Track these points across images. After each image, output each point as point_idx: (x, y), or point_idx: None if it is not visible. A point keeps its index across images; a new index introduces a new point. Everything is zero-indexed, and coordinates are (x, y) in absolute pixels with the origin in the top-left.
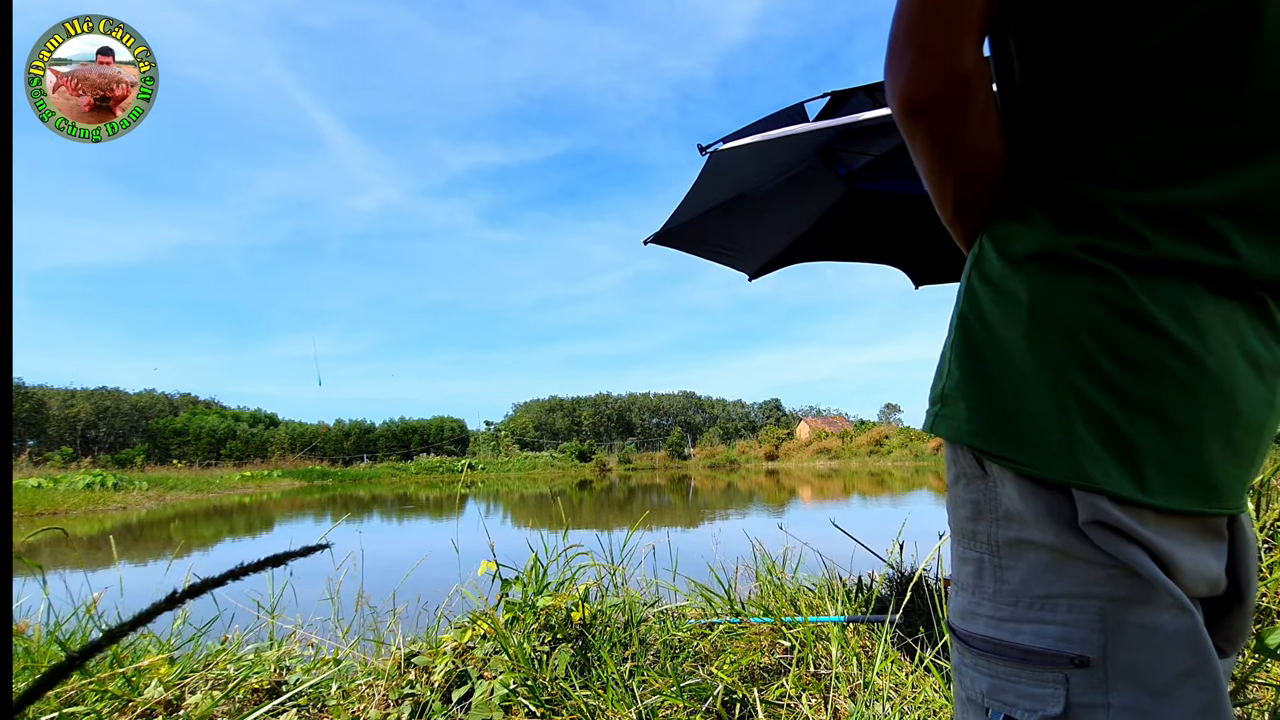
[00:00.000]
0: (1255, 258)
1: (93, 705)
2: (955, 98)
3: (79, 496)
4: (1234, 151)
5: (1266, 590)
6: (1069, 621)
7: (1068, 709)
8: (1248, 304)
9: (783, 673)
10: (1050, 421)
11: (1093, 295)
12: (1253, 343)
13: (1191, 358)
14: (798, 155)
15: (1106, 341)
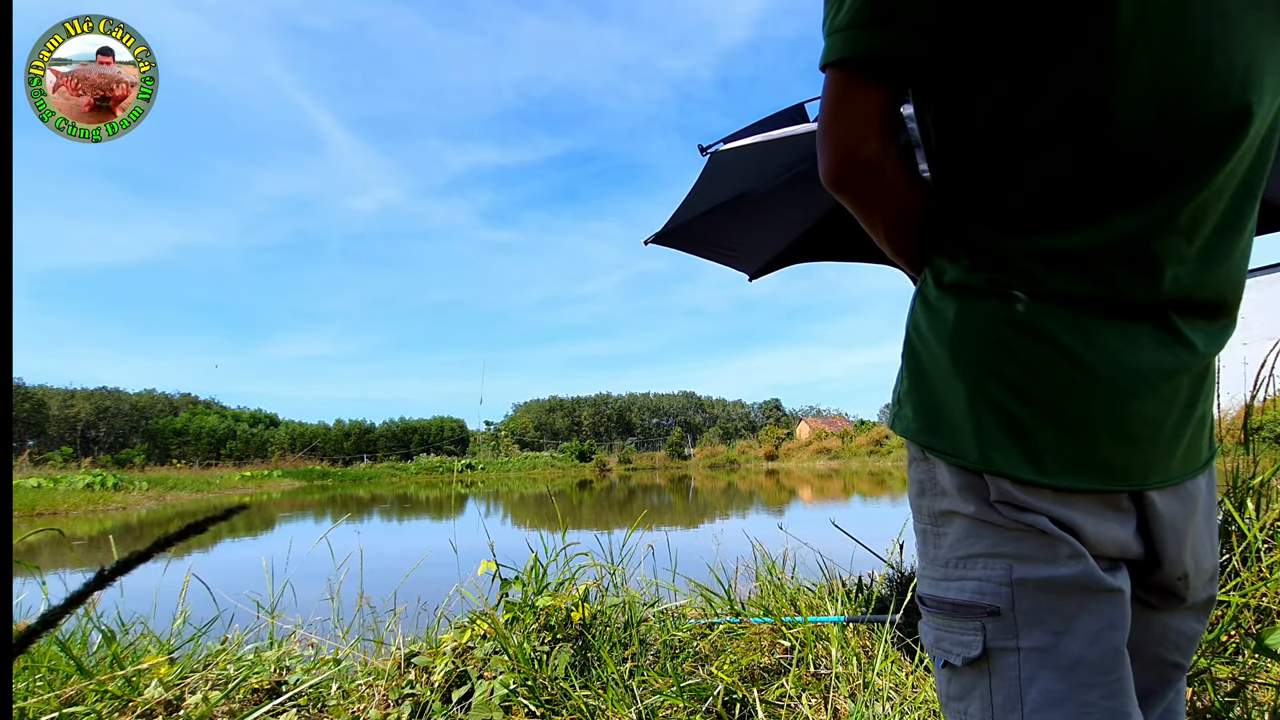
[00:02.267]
0: (1135, 287)
1: (93, 705)
2: (864, 178)
3: (79, 496)
4: (1110, 203)
5: (1266, 590)
6: (983, 577)
7: (985, 652)
8: (1144, 319)
9: (783, 673)
10: (966, 418)
11: (1000, 317)
12: (1151, 351)
13: (1083, 366)
14: (799, 155)
15: (1010, 354)
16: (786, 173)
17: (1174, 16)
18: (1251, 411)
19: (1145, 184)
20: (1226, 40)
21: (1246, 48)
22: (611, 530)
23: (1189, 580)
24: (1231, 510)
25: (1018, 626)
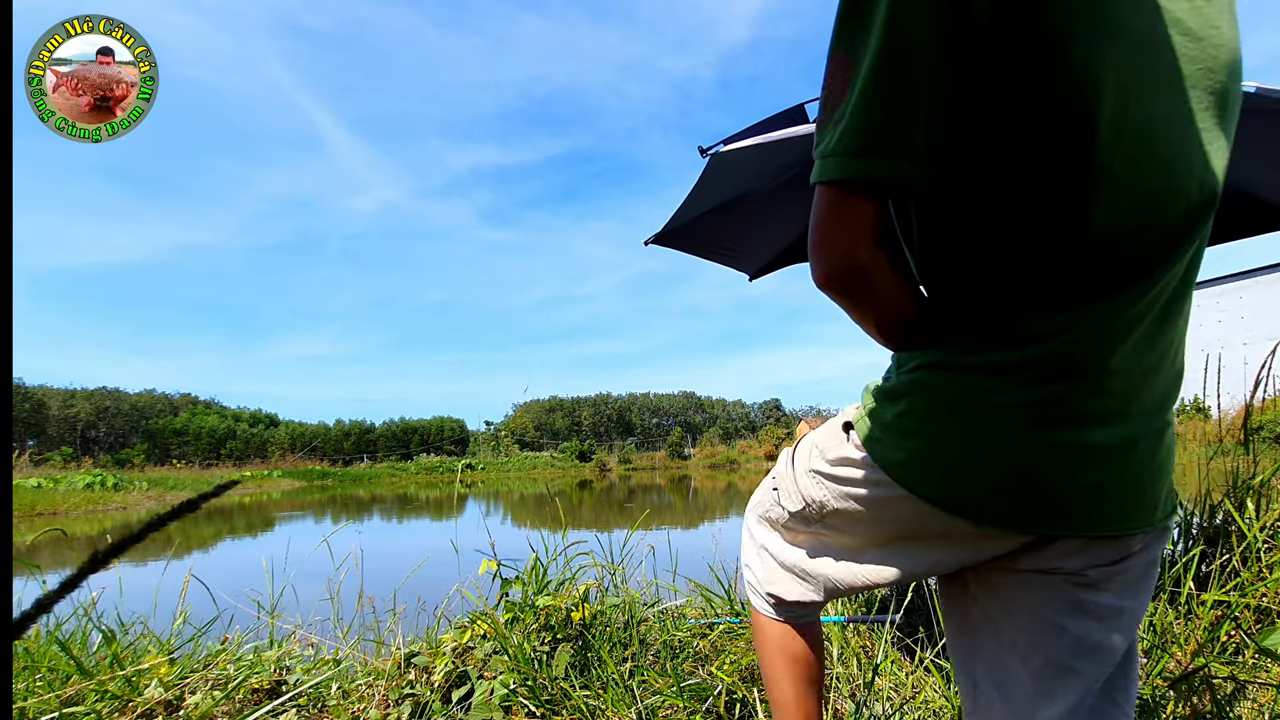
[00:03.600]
0: (1083, 360)
1: (93, 705)
2: (855, 283)
3: (79, 496)
4: (1091, 293)
5: (1266, 590)
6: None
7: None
8: (1074, 380)
9: None
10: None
11: (961, 385)
12: (1084, 405)
13: (1036, 437)
14: (798, 156)
15: (988, 426)
16: (786, 173)
17: (1145, 134)
18: (1251, 411)
19: (1124, 276)
20: (1188, 148)
21: (1203, 148)
22: (611, 530)
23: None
24: (1231, 510)
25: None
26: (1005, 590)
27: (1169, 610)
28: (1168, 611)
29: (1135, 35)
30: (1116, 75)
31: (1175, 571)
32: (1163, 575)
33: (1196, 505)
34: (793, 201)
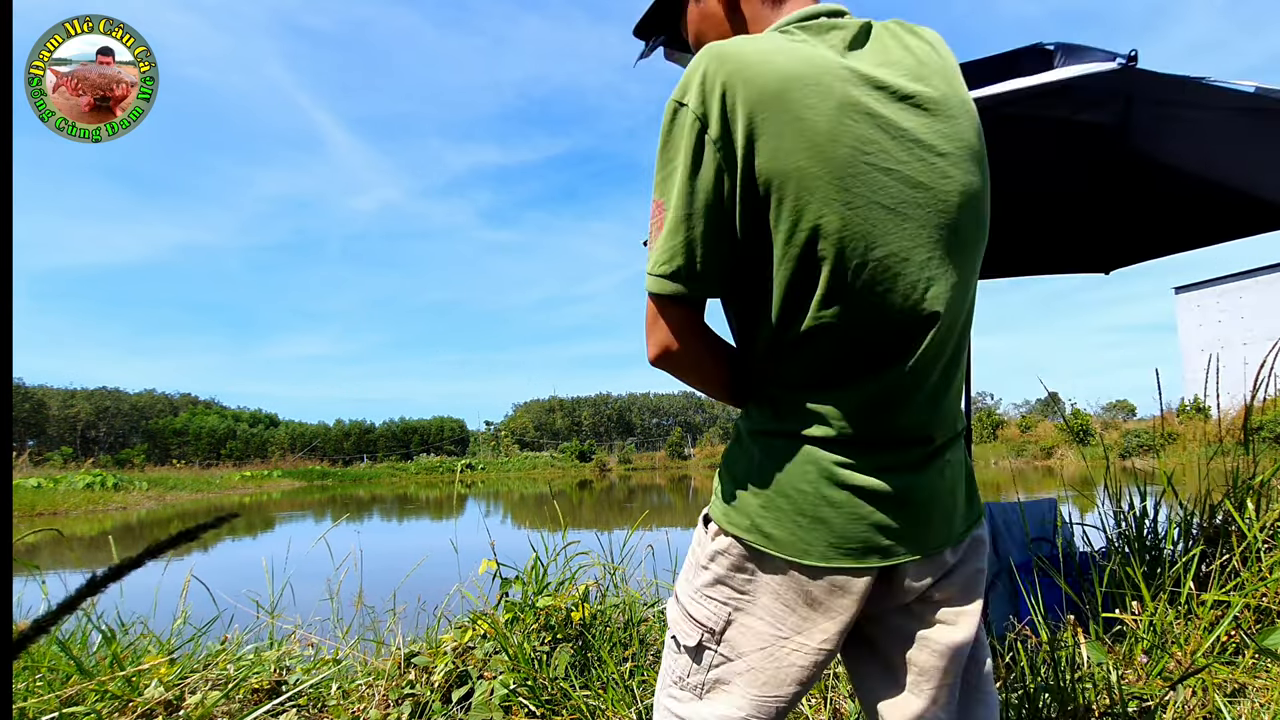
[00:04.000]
0: (881, 428)
1: (93, 705)
2: (672, 365)
3: (79, 496)
4: (855, 374)
5: (1266, 590)
6: None
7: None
8: (875, 449)
9: None
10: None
11: (786, 454)
12: (885, 467)
13: (827, 492)
14: None
15: (792, 481)
16: None
17: (878, 268)
18: (1251, 411)
19: (875, 362)
20: (909, 270)
21: (928, 268)
22: (611, 530)
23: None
24: (1231, 510)
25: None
26: (878, 629)
27: (1169, 610)
28: (1168, 611)
29: (864, 196)
30: (844, 228)
31: (1175, 571)
32: (1163, 575)
33: (1196, 505)
34: None
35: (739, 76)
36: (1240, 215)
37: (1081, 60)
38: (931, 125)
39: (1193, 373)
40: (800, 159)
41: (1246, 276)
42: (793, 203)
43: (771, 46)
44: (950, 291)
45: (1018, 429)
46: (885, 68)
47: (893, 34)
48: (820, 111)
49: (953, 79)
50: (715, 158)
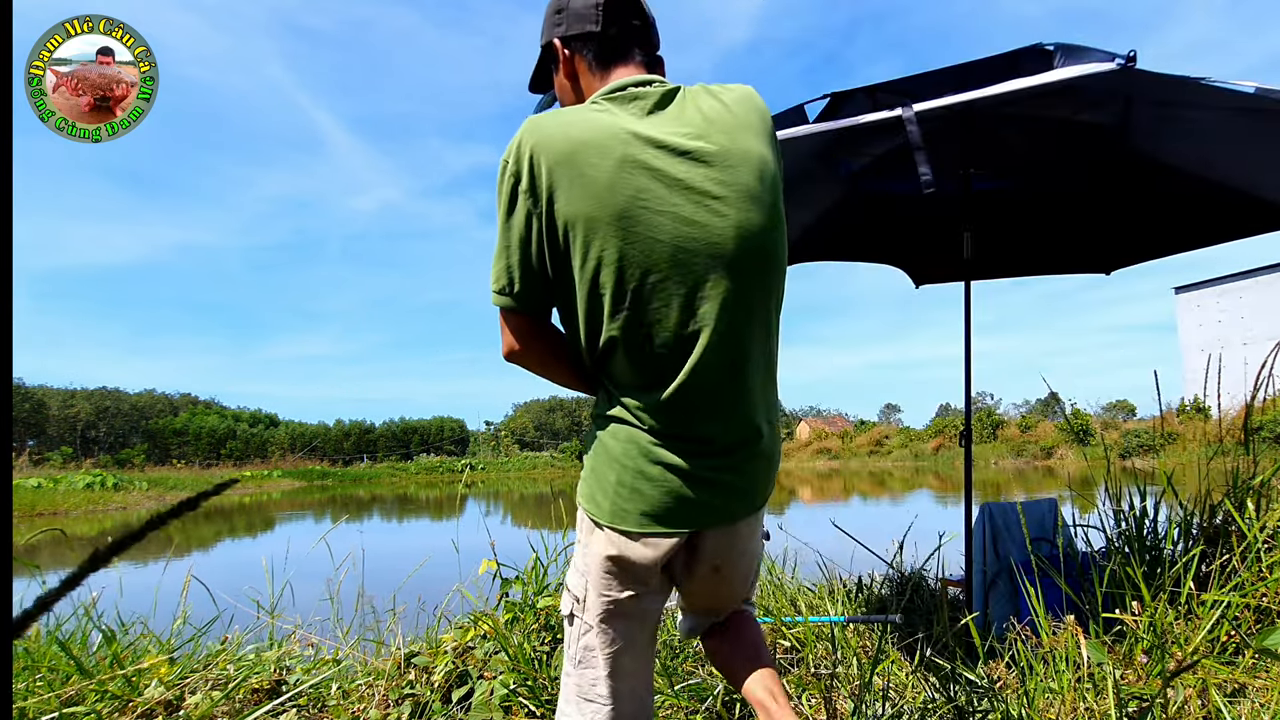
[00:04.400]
0: (666, 426)
1: (93, 705)
2: (519, 362)
3: (79, 496)
4: (654, 381)
5: (1266, 590)
6: None
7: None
8: (676, 440)
9: (783, 673)
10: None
11: (619, 437)
12: (688, 454)
13: (644, 468)
14: (797, 157)
15: (615, 460)
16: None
17: (657, 291)
18: (1251, 411)
19: (663, 372)
20: (682, 293)
21: (700, 290)
22: None
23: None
24: (1231, 510)
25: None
26: (689, 573)
27: (1169, 610)
28: (1168, 612)
29: (640, 234)
30: (622, 259)
31: (1175, 571)
32: (1163, 575)
33: (1196, 505)
34: (792, 201)
35: (542, 144)
36: (1240, 215)
37: (1081, 61)
38: (708, 174)
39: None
40: (586, 206)
41: (1246, 276)
42: (582, 240)
43: (571, 119)
44: (722, 312)
45: (1018, 429)
46: (672, 128)
47: (694, 97)
48: (601, 169)
49: (738, 133)
50: (526, 204)
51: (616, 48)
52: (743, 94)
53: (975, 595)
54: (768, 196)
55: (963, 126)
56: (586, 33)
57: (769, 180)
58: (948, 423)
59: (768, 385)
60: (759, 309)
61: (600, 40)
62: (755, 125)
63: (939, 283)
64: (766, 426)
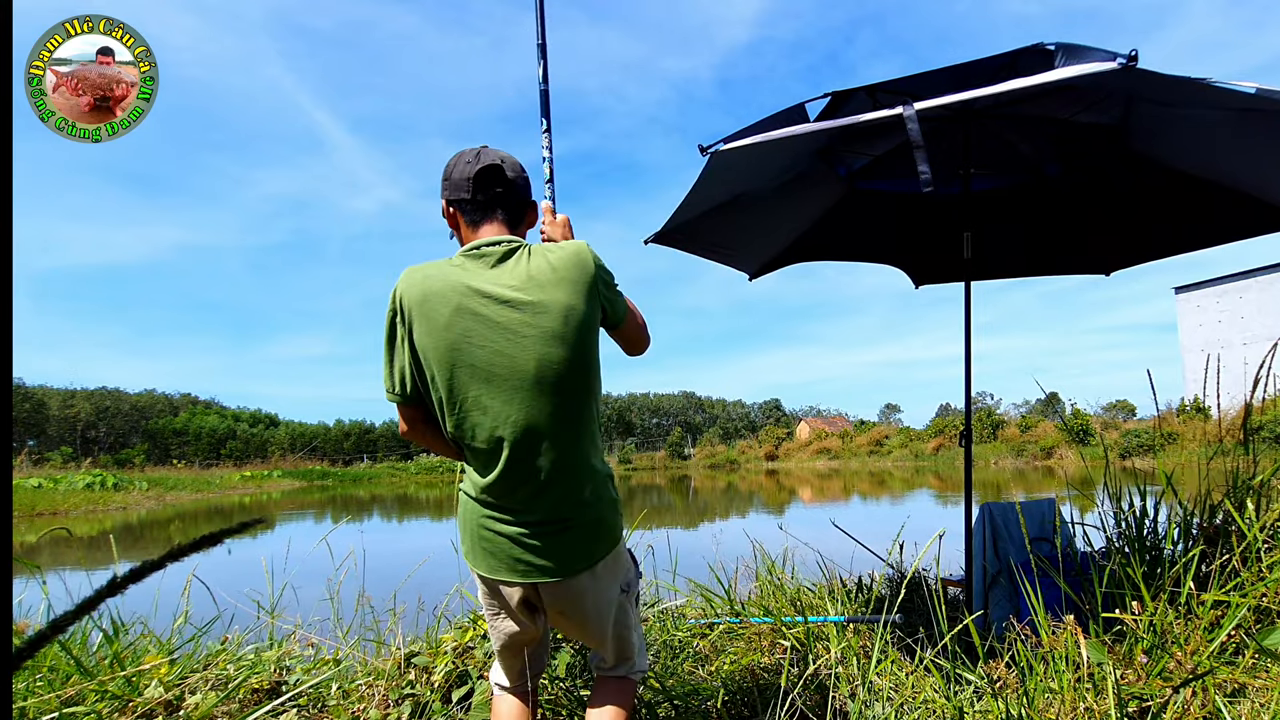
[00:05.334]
0: (508, 503)
1: (93, 705)
2: (414, 440)
3: (79, 496)
4: (486, 470)
5: (1266, 590)
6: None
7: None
8: (500, 514)
9: (782, 673)
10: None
11: (467, 508)
12: (514, 526)
13: (481, 532)
14: (798, 155)
15: (465, 521)
16: (786, 173)
17: (478, 404)
18: (1251, 411)
19: (488, 464)
20: (494, 408)
21: (508, 408)
22: None
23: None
24: (1231, 510)
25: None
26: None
27: (1169, 610)
28: (1168, 611)
29: (465, 362)
30: (452, 380)
31: (1175, 571)
32: (1163, 575)
33: (1196, 505)
34: (792, 201)
35: (407, 291)
36: (1241, 216)
37: (1082, 60)
38: (520, 318)
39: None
40: (430, 339)
41: (1246, 276)
42: (427, 364)
43: (430, 274)
44: (528, 424)
45: (1018, 429)
46: (502, 281)
47: (529, 255)
48: (441, 313)
49: (551, 287)
50: (400, 331)
51: (482, 210)
52: (570, 253)
53: (975, 595)
54: (572, 336)
55: (963, 126)
56: (461, 198)
57: (574, 323)
58: (948, 423)
59: (580, 471)
60: (561, 418)
61: (470, 205)
62: (573, 279)
63: (939, 283)
64: (577, 507)
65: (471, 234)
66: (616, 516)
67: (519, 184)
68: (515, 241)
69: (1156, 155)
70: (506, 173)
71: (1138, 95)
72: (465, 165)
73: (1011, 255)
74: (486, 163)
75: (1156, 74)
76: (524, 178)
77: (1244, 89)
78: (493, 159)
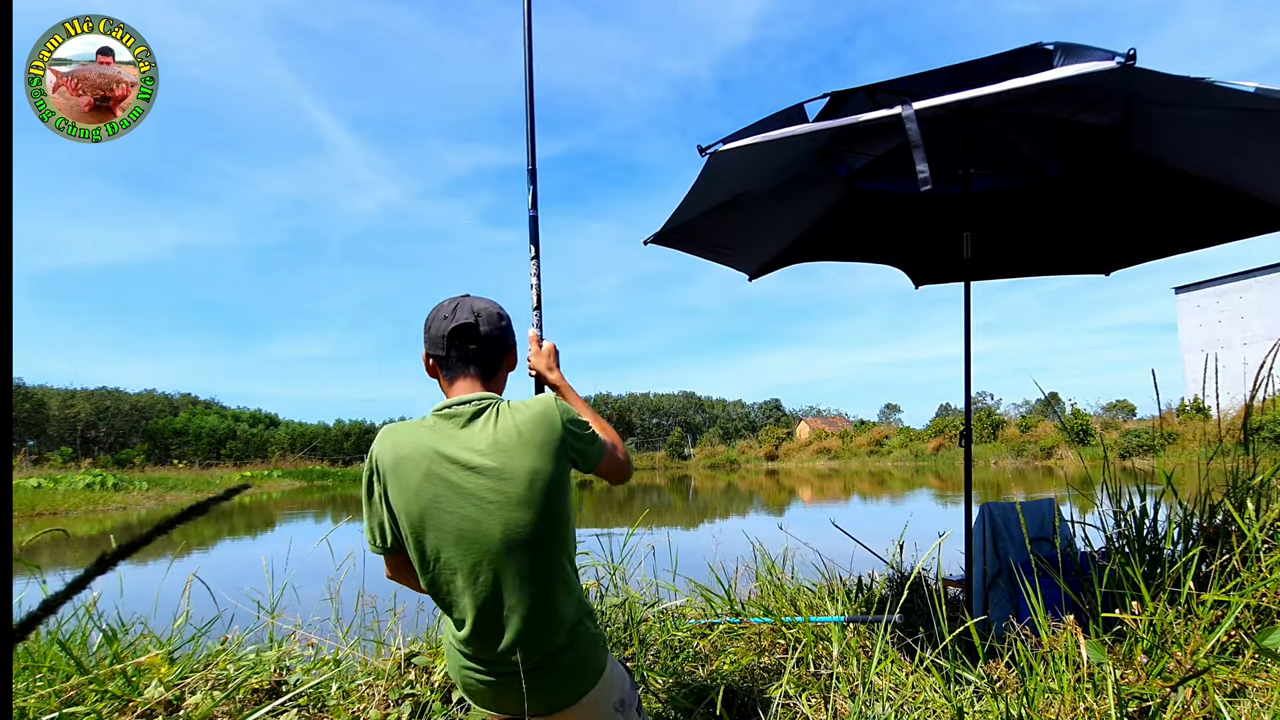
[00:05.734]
0: (471, 650)
1: (93, 705)
2: (398, 581)
3: (79, 496)
4: (459, 624)
5: (1266, 590)
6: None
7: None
8: (477, 661)
9: (782, 673)
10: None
11: (452, 653)
12: (486, 674)
13: (463, 675)
14: (798, 156)
15: (449, 661)
16: (786, 173)
17: (449, 562)
18: (1251, 411)
19: (460, 619)
20: (464, 568)
21: (477, 569)
22: (611, 530)
23: None
24: (1231, 510)
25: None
26: None
27: (1169, 610)
28: (1168, 611)
29: (435, 526)
30: (422, 542)
31: (1175, 571)
32: (1163, 575)
33: (1196, 505)
34: (792, 201)
35: (382, 454)
36: (1241, 216)
37: (1081, 60)
38: (488, 484)
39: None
40: (403, 501)
41: (1246, 276)
42: (402, 523)
43: (401, 439)
44: (496, 585)
45: (1018, 429)
46: (470, 445)
47: (497, 415)
48: (412, 477)
49: (517, 452)
50: (378, 489)
51: (457, 368)
52: (537, 413)
53: (975, 595)
54: (538, 500)
55: (962, 126)
56: (437, 355)
57: (540, 487)
58: (948, 423)
59: (551, 622)
60: (529, 576)
61: (445, 361)
62: (539, 441)
63: (939, 283)
64: (553, 654)
65: (448, 388)
66: (597, 651)
67: (494, 337)
68: (486, 400)
69: (1156, 155)
70: (480, 329)
71: (1137, 95)
72: (442, 321)
73: (1011, 255)
74: (460, 321)
75: (1156, 73)
76: (500, 328)
77: (1244, 89)
78: (466, 317)
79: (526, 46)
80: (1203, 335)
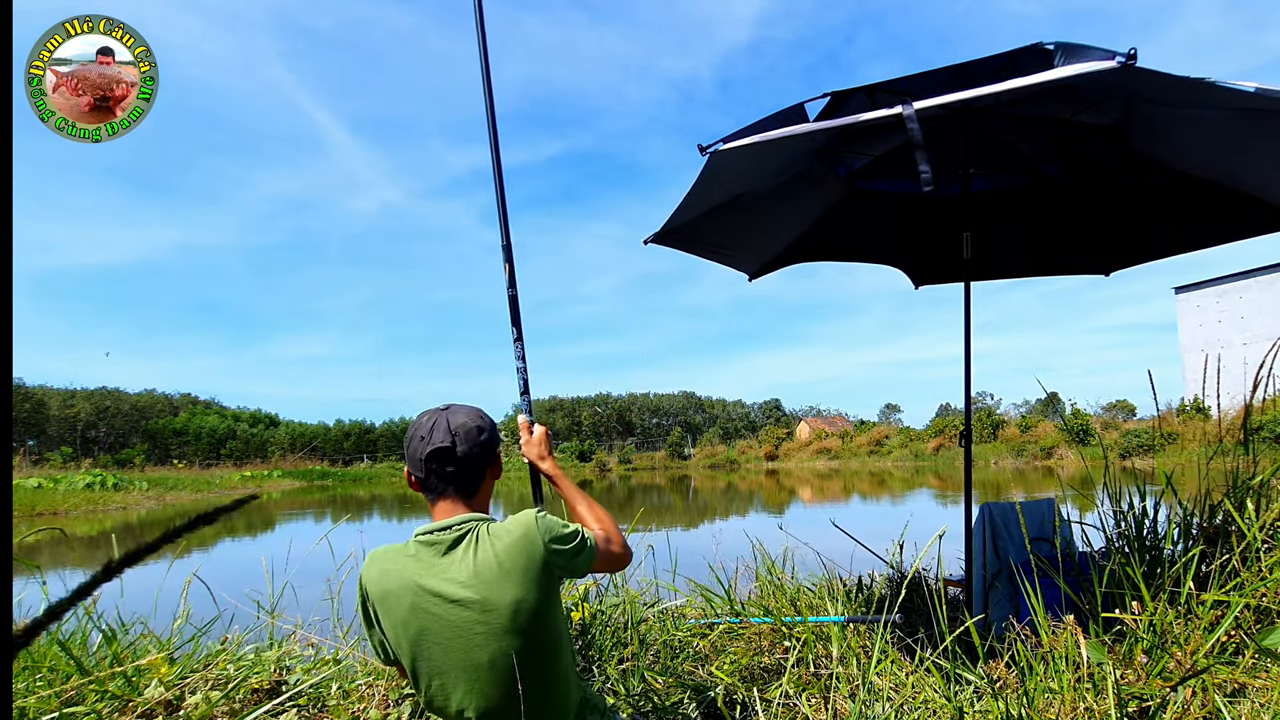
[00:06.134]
0: None
1: (93, 705)
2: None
3: (79, 496)
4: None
5: (1266, 590)
6: None
7: None
8: None
9: (783, 673)
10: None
11: None
12: None
13: None
14: (798, 156)
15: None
16: (786, 173)
17: (440, 674)
18: (1251, 411)
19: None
20: (457, 692)
21: (470, 693)
22: None
23: None
24: (1231, 510)
25: None
26: None
27: (1169, 610)
28: (1168, 611)
29: (425, 654)
30: (416, 668)
31: (1175, 571)
32: (1163, 575)
33: (1196, 505)
34: (792, 201)
35: (369, 583)
36: (1241, 216)
37: (1081, 59)
38: (471, 617)
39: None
40: (392, 631)
41: (1246, 276)
42: (396, 650)
43: (385, 569)
44: (488, 707)
45: (1018, 429)
46: (451, 577)
47: (476, 542)
48: (399, 611)
49: (497, 583)
50: (371, 614)
51: (437, 488)
52: (518, 538)
53: (975, 595)
54: (524, 626)
55: (962, 126)
56: (418, 475)
57: (525, 615)
58: (948, 423)
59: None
60: (526, 692)
61: (425, 483)
62: (520, 569)
63: (939, 283)
64: None
65: (431, 508)
66: None
67: (472, 456)
68: (466, 524)
69: (1157, 155)
70: (457, 451)
71: (1138, 95)
72: (419, 443)
73: (1011, 255)
74: (436, 445)
75: (1156, 73)
76: (479, 444)
77: (1244, 88)
78: (442, 440)
79: (488, 110)
80: (1203, 335)
